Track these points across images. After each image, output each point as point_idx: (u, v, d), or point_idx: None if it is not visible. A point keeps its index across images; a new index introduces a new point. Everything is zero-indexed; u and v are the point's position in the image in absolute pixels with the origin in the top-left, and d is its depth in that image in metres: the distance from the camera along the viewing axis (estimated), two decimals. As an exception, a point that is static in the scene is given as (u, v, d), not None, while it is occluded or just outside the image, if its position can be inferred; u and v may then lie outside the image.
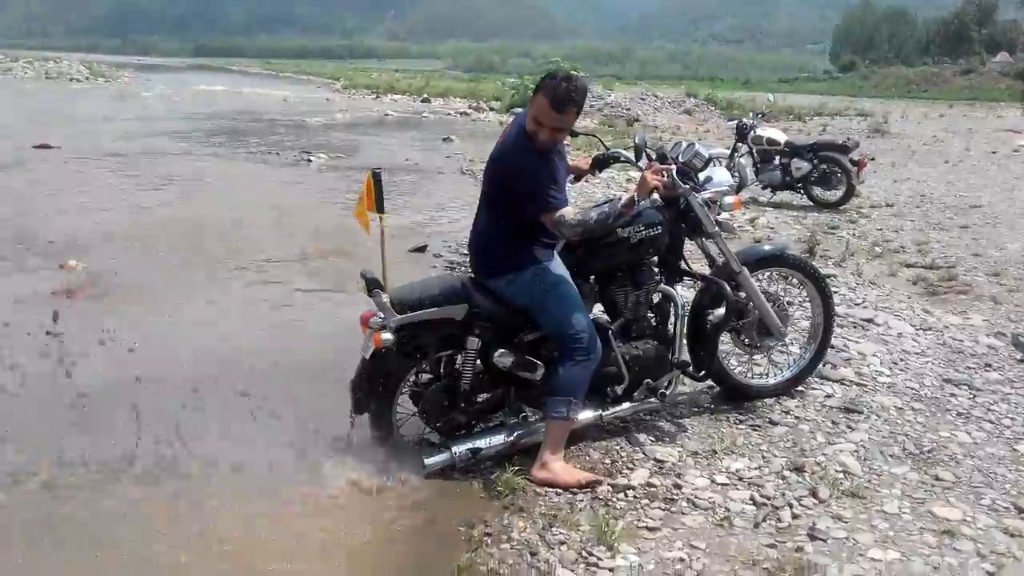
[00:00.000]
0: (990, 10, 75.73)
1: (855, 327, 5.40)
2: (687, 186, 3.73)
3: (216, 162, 13.94)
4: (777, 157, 10.69)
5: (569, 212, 3.36)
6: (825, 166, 10.33)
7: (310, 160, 14.30)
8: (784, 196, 10.97)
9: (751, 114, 11.97)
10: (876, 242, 8.45)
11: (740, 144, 11.00)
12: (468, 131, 20.95)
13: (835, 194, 10.38)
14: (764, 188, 10.92)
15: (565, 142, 3.63)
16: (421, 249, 7.72)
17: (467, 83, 46.97)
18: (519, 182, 3.36)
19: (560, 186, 3.42)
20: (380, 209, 4.26)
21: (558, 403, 3.46)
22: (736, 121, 11.66)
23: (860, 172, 10.29)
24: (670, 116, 26.35)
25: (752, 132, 10.84)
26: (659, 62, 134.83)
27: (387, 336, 3.36)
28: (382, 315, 3.40)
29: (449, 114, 27.15)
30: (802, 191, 10.64)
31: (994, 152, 17.18)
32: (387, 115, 26.64)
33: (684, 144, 3.99)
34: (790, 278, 4.31)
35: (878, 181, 12.75)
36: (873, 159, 14.38)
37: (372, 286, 3.40)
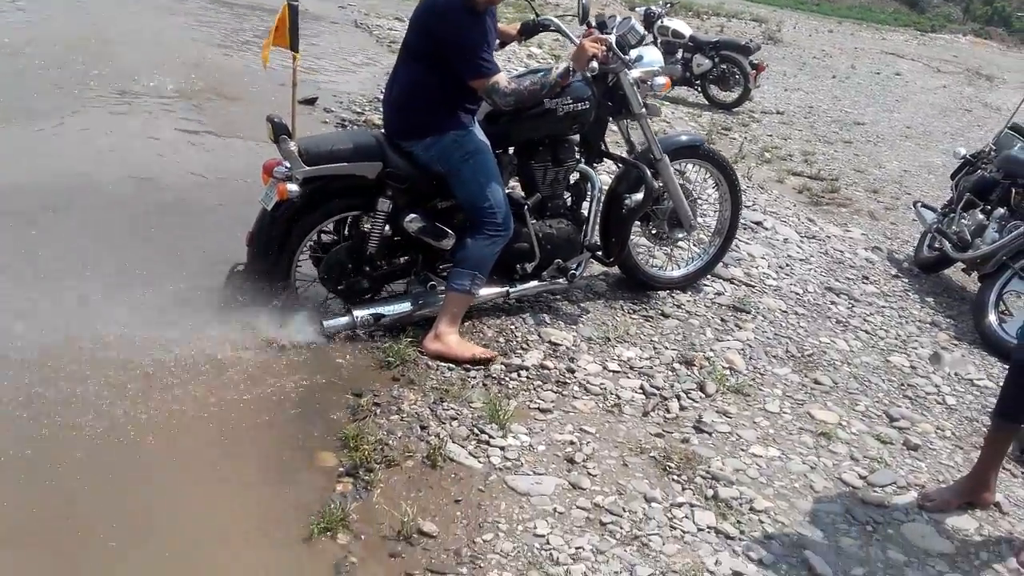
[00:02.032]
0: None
1: (745, 228, 5.47)
2: (619, 62, 3.57)
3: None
4: (680, 51, 10.59)
5: (502, 79, 3.16)
6: (725, 66, 10.32)
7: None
8: (680, 91, 10.94)
9: (660, 2, 11.74)
10: (766, 147, 8.58)
11: (646, 32, 10.79)
12: (363, -18, 19.74)
13: (731, 95, 10.43)
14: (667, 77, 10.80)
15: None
16: (311, 102, 7.24)
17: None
18: (451, 40, 3.12)
19: (491, 50, 3.18)
20: (294, 47, 3.87)
21: (462, 275, 3.34)
22: (645, 8, 11.42)
23: (757, 76, 10.34)
24: (572, -5, 25.70)
25: (659, 21, 10.66)
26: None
27: (293, 188, 3.13)
28: (288, 165, 3.15)
29: (343, -39, 25.49)
30: (699, 88, 10.63)
31: (878, 73, 17.66)
32: (276, -47, 24.76)
33: (619, 18, 3.80)
34: (700, 170, 4.25)
35: (769, 88, 12.89)
36: (767, 66, 14.53)
37: (279, 132, 3.13)
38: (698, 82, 10.54)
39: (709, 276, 4.47)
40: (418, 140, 3.31)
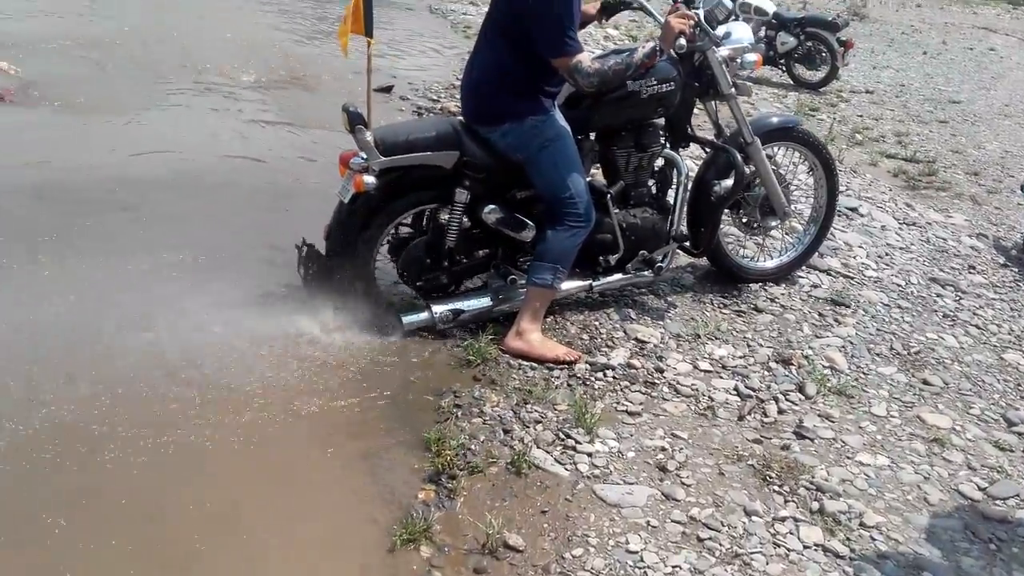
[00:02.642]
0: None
1: (840, 215, 5.17)
2: (706, 40, 3.35)
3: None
4: (763, 28, 10.18)
5: (586, 59, 2.98)
6: (811, 43, 9.87)
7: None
8: (764, 71, 10.54)
9: (741, -21, 11.34)
10: (856, 129, 8.17)
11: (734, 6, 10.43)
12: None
13: (817, 75, 9.97)
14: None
15: None
16: (387, 90, 7.18)
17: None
18: (539, 13, 2.92)
19: (576, 28, 3.00)
20: (368, 33, 3.76)
21: (543, 269, 3.19)
22: (726, -15, 11.03)
23: (845, 54, 9.87)
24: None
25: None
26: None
27: (369, 179, 3.01)
28: (364, 155, 3.03)
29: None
30: (784, 68, 10.20)
31: (971, 49, 16.84)
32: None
33: (706, -8, 3.56)
34: (794, 154, 3.99)
35: (857, 66, 12.34)
36: (855, 43, 13.96)
37: (355, 122, 3.00)
38: (782, 61, 10.11)
39: (804, 267, 4.21)
40: (496, 126, 3.15)
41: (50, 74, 6.23)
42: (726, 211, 3.76)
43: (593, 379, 3.14)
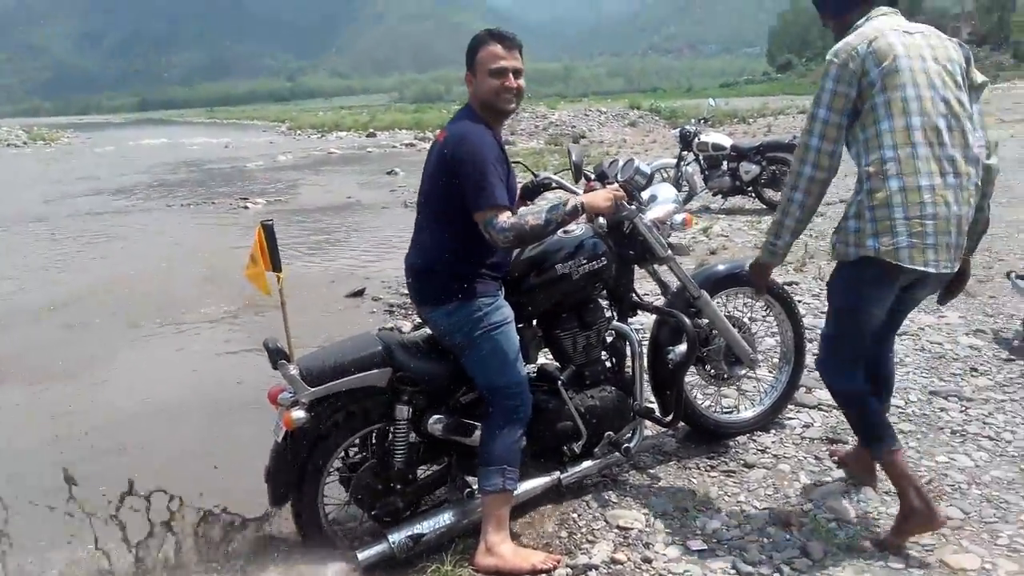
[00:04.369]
0: (915, 10, 77.28)
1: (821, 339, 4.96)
2: (632, 207, 3.27)
3: (149, 217, 13.36)
4: (724, 162, 10.41)
5: (504, 215, 2.82)
6: (774, 167, 10.03)
7: (247, 207, 13.74)
8: (736, 201, 10.70)
9: (693, 120, 11.64)
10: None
11: (686, 152, 10.69)
12: (413, 162, 20.49)
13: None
14: (715, 195, 10.66)
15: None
16: (359, 293, 7.24)
17: (412, 114, 46.64)
18: (473, 166, 2.81)
19: (502, 180, 2.89)
20: (276, 267, 3.72)
21: (490, 474, 2.95)
22: (680, 129, 11.33)
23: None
24: (615, 130, 26.16)
25: (696, 139, 10.54)
26: (601, 78, 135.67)
27: (299, 414, 2.83)
28: (291, 390, 2.88)
29: (395, 147, 26.71)
30: (753, 194, 10.35)
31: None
32: (331, 153, 26.14)
33: (622, 161, 3.50)
34: (750, 296, 3.84)
35: (829, 177, 12.47)
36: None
37: (276, 356, 2.86)
38: (750, 188, 10.29)
39: (792, 406, 3.96)
40: (441, 306, 2.99)
41: (21, 347, 6.27)
42: (692, 367, 3.56)
43: (576, 584, 2.84)
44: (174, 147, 34.41)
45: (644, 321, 3.46)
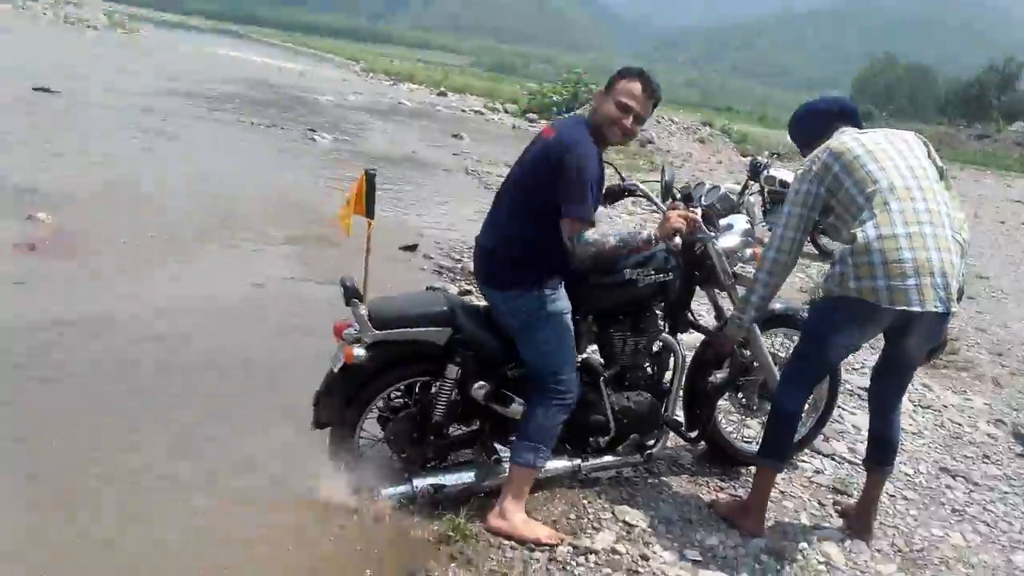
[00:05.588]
0: (1011, 79, 75.87)
1: (852, 395, 5.13)
2: (709, 232, 3.45)
3: (218, 128, 13.63)
4: (788, 201, 10.41)
5: (590, 229, 3.04)
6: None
7: (315, 139, 13.98)
8: (789, 242, 10.70)
9: (766, 153, 11.71)
10: (879, 303, 8.16)
11: (752, 182, 10.72)
12: (480, 130, 20.68)
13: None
14: (771, 231, 10.64)
15: None
16: (412, 248, 7.43)
17: (486, 81, 46.64)
18: (578, 175, 2.98)
19: (598, 196, 3.10)
20: (370, 214, 3.92)
21: (525, 448, 3.17)
22: (751, 159, 11.38)
23: (870, 226, 9.98)
24: (683, 142, 26.05)
25: (765, 172, 10.56)
26: (677, 86, 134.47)
27: (359, 352, 3.07)
28: (357, 328, 3.11)
29: (463, 111, 26.79)
30: (808, 239, 10.35)
31: (1003, 222, 16.98)
32: (401, 103, 26.30)
33: (708, 185, 3.70)
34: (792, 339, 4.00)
35: (885, 238, 12.48)
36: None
37: (350, 295, 3.09)
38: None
39: (807, 451, 4.13)
40: (504, 290, 3.19)
41: (87, 226, 6.54)
42: (726, 393, 3.74)
43: (574, 564, 3.05)
44: (251, 64, 34.82)
45: (685, 338, 3.63)
